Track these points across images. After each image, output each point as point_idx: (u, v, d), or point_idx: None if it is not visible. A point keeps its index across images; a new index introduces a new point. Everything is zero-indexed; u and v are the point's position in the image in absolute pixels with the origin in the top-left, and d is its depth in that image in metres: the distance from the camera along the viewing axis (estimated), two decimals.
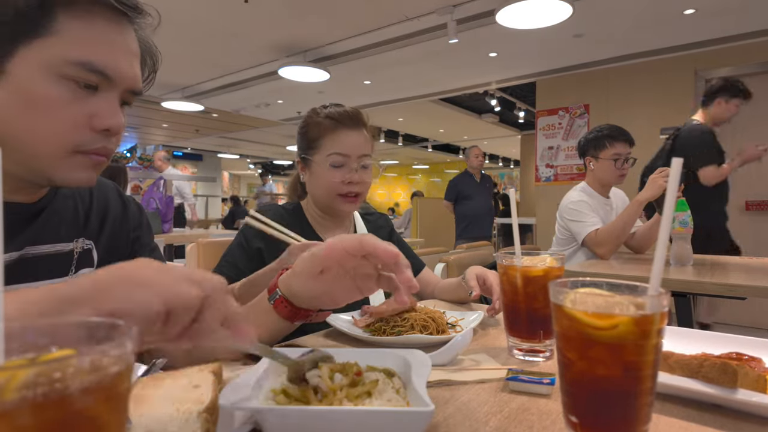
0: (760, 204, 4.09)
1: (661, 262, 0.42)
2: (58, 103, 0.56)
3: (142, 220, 0.85)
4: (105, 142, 0.60)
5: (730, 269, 1.70)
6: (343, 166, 1.12)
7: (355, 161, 1.12)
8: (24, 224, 0.65)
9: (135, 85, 0.63)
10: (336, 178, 1.11)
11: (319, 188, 1.15)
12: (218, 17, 3.82)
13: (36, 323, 0.29)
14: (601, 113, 4.78)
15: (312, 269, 0.61)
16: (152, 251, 0.85)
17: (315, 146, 1.14)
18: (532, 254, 0.76)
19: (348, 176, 1.11)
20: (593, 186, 2.25)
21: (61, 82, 0.56)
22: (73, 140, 0.58)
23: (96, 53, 0.57)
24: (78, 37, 0.56)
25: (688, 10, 3.57)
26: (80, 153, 0.59)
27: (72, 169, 0.59)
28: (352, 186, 1.12)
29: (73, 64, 0.56)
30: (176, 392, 0.47)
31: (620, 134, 2.15)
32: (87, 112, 0.58)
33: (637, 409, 0.41)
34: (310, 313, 0.67)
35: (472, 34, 3.94)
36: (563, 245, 2.26)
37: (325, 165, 1.12)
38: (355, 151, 1.12)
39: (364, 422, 0.42)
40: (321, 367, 0.49)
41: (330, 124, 1.13)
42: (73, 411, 0.23)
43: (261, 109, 7.13)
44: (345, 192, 1.12)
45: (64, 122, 0.57)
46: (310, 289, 0.63)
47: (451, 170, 13.98)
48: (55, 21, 0.55)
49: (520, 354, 0.73)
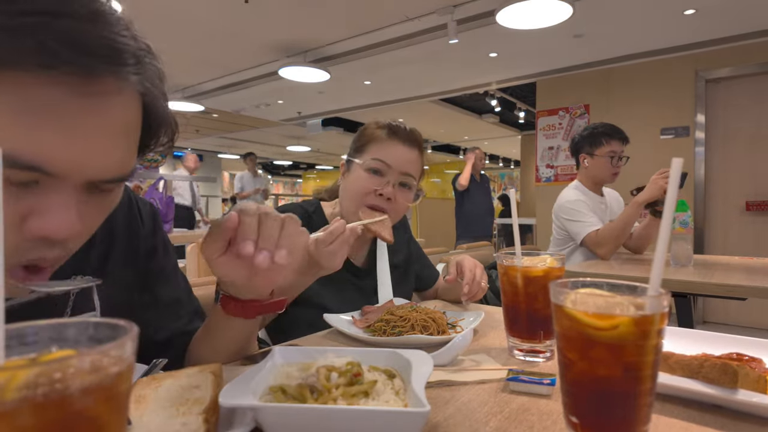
0: (761, 204, 4.09)
1: (662, 263, 0.42)
2: None
3: (156, 243, 0.72)
4: (44, 252, 0.43)
5: (731, 270, 1.70)
6: (381, 176, 1.05)
7: (396, 175, 1.06)
8: None
9: (105, 175, 0.43)
10: (370, 184, 1.04)
11: (349, 192, 1.09)
12: (218, 17, 3.82)
13: (36, 323, 0.29)
14: (602, 113, 4.78)
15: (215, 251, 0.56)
16: (167, 278, 0.73)
17: (362, 150, 1.09)
18: (532, 255, 0.76)
19: (383, 187, 1.04)
20: (587, 184, 2.24)
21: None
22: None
23: (27, 141, 0.38)
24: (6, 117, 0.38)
25: (689, 10, 3.57)
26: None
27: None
28: (382, 200, 1.04)
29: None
30: (176, 392, 0.47)
31: (615, 132, 2.16)
32: (17, 213, 0.41)
33: (638, 410, 0.41)
34: (259, 303, 0.63)
35: (472, 35, 3.94)
36: (560, 245, 2.25)
37: (362, 169, 1.06)
38: (399, 165, 1.05)
39: (359, 421, 0.42)
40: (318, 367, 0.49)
41: (383, 133, 1.08)
42: (74, 411, 0.23)
43: (261, 110, 7.13)
44: (372, 204, 1.04)
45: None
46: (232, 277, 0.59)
47: (452, 170, 13.97)
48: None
49: (520, 354, 0.73)
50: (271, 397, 0.48)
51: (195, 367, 0.53)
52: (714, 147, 4.32)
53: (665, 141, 4.44)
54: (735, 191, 4.24)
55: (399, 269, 1.21)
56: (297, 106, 6.99)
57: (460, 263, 1.06)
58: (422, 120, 8.30)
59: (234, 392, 0.45)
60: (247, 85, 5.68)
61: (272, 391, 0.48)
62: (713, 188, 4.34)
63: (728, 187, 4.27)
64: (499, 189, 13.99)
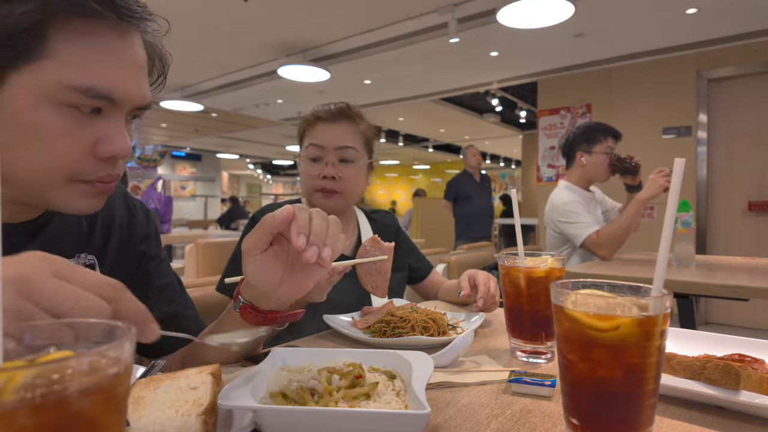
0: (763, 204, 4.08)
1: (665, 263, 0.42)
2: (56, 133, 0.50)
3: (150, 231, 0.79)
4: (110, 170, 0.55)
5: (733, 270, 1.70)
6: (320, 160, 1.10)
7: (332, 154, 1.09)
8: (26, 241, 0.61)
9: (143, 102, 0.57)
10: (312, 172, 1.09)
11: (302, 184, 1.16)
12: (218, 17, 3.82)
13: (35, 324, 0.29)
14: (603, 113, 4.77)
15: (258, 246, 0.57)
16: (160, 263, 0.79)
17: (301, 143, 1.16)
18: (533, 255, 0.76)
19: (323, 170, 1.08)
20: (579, 183, 2.24)
21: (59, 109, 0.50)
22: (75, 170, 0.52)
23: (98, 75, 0.51)
24: (76, 59, 0.50)
25: (690, 10, 3.57)
26: (82, 182, 0.54)
27: (73, 197, 0.54)
28: (327, 181, 1.08)
29: (72, 89, 0.49)
30: (175, 394, 0.47)
31: (611, 129, 2.20)
32: (90, 139, 0.52)
33: (640, 412, 0.41)
34: (278, 314, 0.64)
35: (473, 34, 3.94)
36: (557, 248, 2.23)
37: (305, 159, 1.12)
38: (331, 143, 1.09)
39: (360, 423, 0.42)
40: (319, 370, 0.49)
41: (311, 119, 1.13)
42: (72, 413, 0.23)
43: (260, 109, 7.13)
44: (320, 187, 1.09)
45: (64, 152, 0.51)
46: (265, 279, 0.59)
47: (452, 170, 13.98)
48: (48, 42, 0.48)
49: (522, 356, 0.73)
50: (271, 400, 0.47)
51: (193, 368, 0.52)
52: (716, 147, 4.32)
53: (667, 141, 4.44)
54: (737, 191, 4.24)
55: None
56: (297, 106, 6.99)
57: (473, 277, 1.04)
58: (422, 119, 8.30)
59: (233, 393, 0.45)
60: (247, 85, 5.68)
61: (272, 396, 0.48)
62: (715, 188, 4.34)
63: (730, 187, 4.27)
64: (500, 189, 13.99)
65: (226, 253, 1.06)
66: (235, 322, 0.65)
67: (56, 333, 0.29)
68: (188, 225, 8.10)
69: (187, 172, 13.45)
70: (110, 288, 0.37)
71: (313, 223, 0.56)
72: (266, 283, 0.59)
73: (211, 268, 1.36)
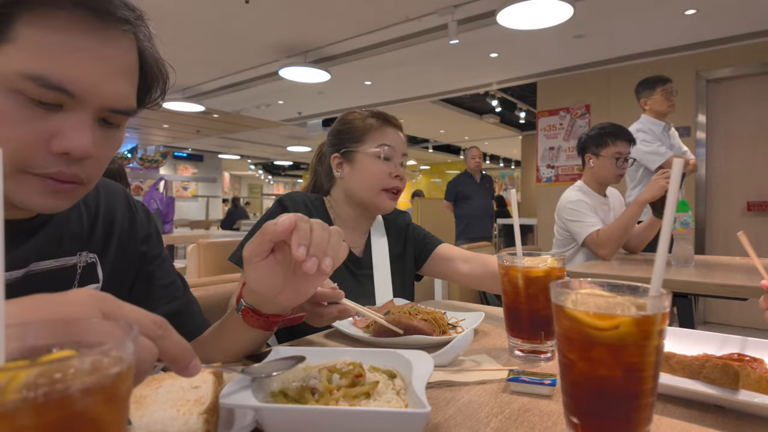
0: (762, 205, 4.09)
1: (663, 263, 0.42)
2: (6, 119, 0.49)
3: (151, 231, 0.79)
4: (63, 167, 0.52)
5: (732, 270, 1.70)
6: (390, 160, 1.14)
7: (400, 158, 1.15)
8: (24, 239, 0.60)
9: (116, 104, 0.54)
10: (386, 169, 1.12)
11: (362, 181, 1.13)
12: (219, 18, 3.83)
13: (36, 324, 0.29)
14: (603, 113, 4.78)
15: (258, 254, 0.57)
16: (162, 262, 0.79)
17: (362, 140, 1.14)
18: (533, 255, 0.76)
19: (395, 170, 1.13)
20: (590, 184, 2.24)
21: (13, 96, 0.49)
22: (23, 160, 0.50)
23: (55, 67, 0.49)
24: (36, 48, 0.48)
25: (689, 11, 3.57)
26: (32, 174, 0.51)
27: (25, 190, 0.52)
28: (398, 180, 1.14)
29: (23, 77, 0.48)
30: (177, 393, 0.47)
31: (622, 133, 2.15)
32: (45, 131, 0.50)
33: (639, 410, 0.41)
34: (280, 318, 0.65)
35: (472, 35, 3.94)
36: (562, 246, 2.25)
37: (373, 157, 1.13)
38: (401, 148, 1.15)
39: (360, 422, 0.42)
40: (320, 369, 0.49)
41: (376, 121, 1.16)
42: (74, 412, 0.23)
43: (261, 110, 7.14)
44: (390, 186, 1.13)
45: (13, 140, 0.49)
46: (266, 286, 0.59)
47: (452, 171, 13.98)
48: (14, 27, 0.48)
49: (521, 355, 0.73)
50: (272, 399, 0.48)
51: None
52: (715, 147, 4.32)
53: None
54: (736, 192, 4.24)
55: (399, 258, 1.22)
56: (297, 107, 7.00)
57: None
58: (422, 120, 8.30)
59: (234, 392, 0.45)
60: (248, 86, 5.68)
61: (273, 395, 0.48)
62: (714, 189, 4.34)
63: (729, 187, 4.27)
64: (500, 189, 13.99)
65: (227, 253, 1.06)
66: (238, 324, 0.65)
67: (59, 332, 0.29)
68: (190, 225, 8.10)
69: (189, 172, 13.46)
70: (155, 326, 0.37)
71: (313, 234, 0.56)
72: (267, 290, 0.60)
73: (213, 268, 1.36)
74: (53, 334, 0.29)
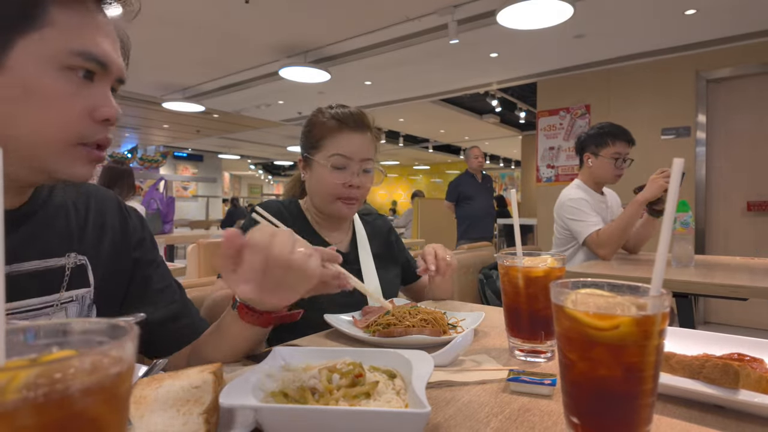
0: (762, 205, 4.09)
1: (663, 263, 0.42)
2: (60, 95, 0.55)
3: (144, 236, 0.79)
4: (105, 133, 0.60)
5: (732, 270, 1.70)
6: (344, 169, 1.10)
7: (357, 165, 1.10)
8: (9, 230, 0.58)
9: (123, 74, 0.62)
10: (337, 180, 1.09)
11: (318, 189, 1.13)
12: (219, 18, 3.83)
13: (37, 324, 0.29)
14: (602, 113, 4.78)
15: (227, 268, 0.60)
16: (157, 267, 0.79)
17: (318, 146, 1.12)
18: (533, 255, 0.76)
19: (349, 179, 1.10)
20: (588, 183, 2.23)
21: (62, 73, 0.55)
22: (77, 133, 0.57)
23: (92, 42, 0.57)
24: (74, 27, 0.56)
25: (689, 11, 3.57)
26: (82, 145, 0.58)
27: (74, 162, 0.58)
28: (352, 190, 1.10)
29: (74, 54, 0.55)
30: (177, 393, 0.47)
31: (622, 133, 2.14)
32: (87, 103, 0.58)
33: (639, 410, 0.41)
34: (274, 315, 0.65)
35: (472, 35, 3.94)
36: (562, 245, 2.24)
37: (326, 166, 1.10)
38: (358, 155, 1.10)
39: (360, 422, 0.42)
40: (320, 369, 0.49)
41: (334, 125, 1.11)
42: (74, 412, 0.23)
43: (261, 110, 7.14)
44: (344, 195, 1.10)
45: (67, 114, 0.56)
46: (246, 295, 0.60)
47: (452, 171, 13.98)
48: (49, 11, 0.55)
49: (521, 355, 0.73)
50: (272, 399, 0.48)
51: (195, 367, 0.53)
52: (715, 147, 4.32)
53: (666, 141, 4.44)
54: (736, 192, 4.24)
55: (379, 257, 1.23)
56: (297, 107, 7.00)
57: (422, 253, 1.12)
58: (422, 120, 8.31)
59: (234, 392, 0.45)
60: (248, 86, 5.68)
61: (273, 395, 0.48)
62: (714, 189, 4.34)
63: (729, 187, 4.27)
64: (500, 189, 13.99)
65: None
66: (235, 322, 0.66)
67: (59, 332, 0.29)
68: (190, 225, 8.12)
69: (189, 172, 13.46)
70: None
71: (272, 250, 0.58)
72: (248, 298, 0.62)
73: (213, 268, 1.36)
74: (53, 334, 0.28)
